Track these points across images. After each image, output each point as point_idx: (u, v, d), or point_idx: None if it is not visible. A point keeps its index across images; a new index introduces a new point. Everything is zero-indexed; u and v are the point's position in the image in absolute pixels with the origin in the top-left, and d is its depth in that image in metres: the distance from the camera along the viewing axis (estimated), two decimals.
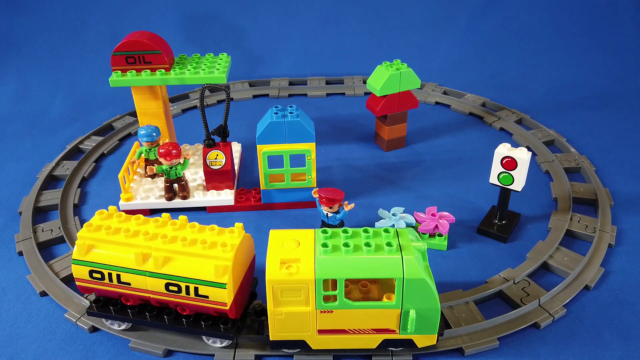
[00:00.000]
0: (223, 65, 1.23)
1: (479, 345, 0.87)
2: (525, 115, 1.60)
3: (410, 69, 1.34)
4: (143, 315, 0.86)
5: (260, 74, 1.94)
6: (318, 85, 1.83)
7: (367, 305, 0.79)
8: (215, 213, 1.21)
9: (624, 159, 1.40)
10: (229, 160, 1.18)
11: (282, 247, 0.80)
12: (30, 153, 1.49)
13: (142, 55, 1.16)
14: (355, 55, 1.99)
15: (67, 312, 0.94)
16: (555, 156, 1.38)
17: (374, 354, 0.86)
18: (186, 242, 0.81)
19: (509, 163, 1.05)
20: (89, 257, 0.83)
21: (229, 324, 0.84)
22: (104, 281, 0.84)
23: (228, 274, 0.78)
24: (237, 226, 0.83)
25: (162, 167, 1.15)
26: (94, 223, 0.85)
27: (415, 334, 0.82)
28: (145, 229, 0.83)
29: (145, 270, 0.81)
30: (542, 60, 1.94)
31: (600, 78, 1.85)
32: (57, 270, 1.03)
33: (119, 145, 1.52)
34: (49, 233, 1.14)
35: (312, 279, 0.76)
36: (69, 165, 1.38)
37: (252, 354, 0.86)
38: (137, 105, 1.26)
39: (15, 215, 1.22)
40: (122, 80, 1.18)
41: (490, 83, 1.84)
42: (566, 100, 1.74)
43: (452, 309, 0.93)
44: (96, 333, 0.91)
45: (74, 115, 1.70)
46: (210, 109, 1.72)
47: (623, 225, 1.15)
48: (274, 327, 0.81)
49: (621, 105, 1.69)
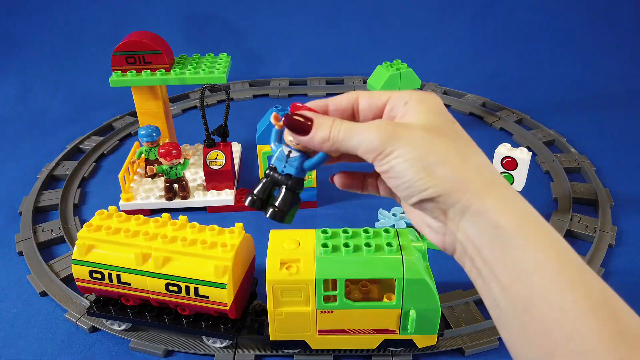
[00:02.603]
0: (223, 65, 1.23)
1: (479, 346, 0.87)
2: (526, 115, 1.60)
3: (411, 69, 1.34)
4: (143, 315, 0.86)
5: (260, 74, 1.94)
6: (318, 85, 1.83)
7: (367, 305, 0.79)
8: (215, 213, 1.21)
9: (624, 159, 1.40)
10: (229, 160, 1.18)
11: (282, 247, 0.80)
12: (31, 153, 1.49)
13: (142, 55, 1.16)
14: (355, 55, 1.99)
15: (67, 312, 0.94)
16: (556, 156, 1.38)
17: (374, 354, 0.86)
18: (186, 242, 0.81)
19: (509, 163, 1.05)
20: (89, 257, 0.83)
21: (229, 324, 0.84)
22: (104, 281, 0.84)
23: (228, 274, 0.78)
24: (237, 226, 0.83)
25: (162, 167, 1.15)
26: (94, 223, 0.85)
27: (416, 334, 0.82)
28: (145, 229, 0.83)
29: (145, 270, 0.81)
30: (542, 60, 1.94)
31: (600, 78, 1.85)
32: (57, 271, 1.03)
33: (119, 145, 1.52)
34: (49, 233, 1.14)
35: (312, 279, 0.76)
36: (69, 165, 1.38)
37: (252, 354, 0.86)
38: (137, 105, 1.26)
39: (15, 215, 1.22)
40: (122, 80, 1.18)
41: (491, 83, 1.84)
42: (566, 100, 1.74)
43: (452, 309, 0.93)
44: (96, 333, 0.91)
45: (74, 116, 1.70)
46: (210, 109, 1.72)
47: (623, 226, 1.15)
48: (274, 327, 0.81)
49: (621, 105, 1.69)
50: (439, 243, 0.47)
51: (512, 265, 0.40)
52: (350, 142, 0.45)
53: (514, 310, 0.40)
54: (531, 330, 0.38)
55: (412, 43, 2.02)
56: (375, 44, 2.03)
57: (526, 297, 0.39)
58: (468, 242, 0.43)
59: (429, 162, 0.43)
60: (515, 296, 0.40)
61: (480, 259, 0.42)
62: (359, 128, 0.45)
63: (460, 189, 0.42)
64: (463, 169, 0.43)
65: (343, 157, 0.53)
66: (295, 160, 0.49)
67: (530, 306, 0.38)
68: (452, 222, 0.44)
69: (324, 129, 0.46)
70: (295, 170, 0.49)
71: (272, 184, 0.50)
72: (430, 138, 0.44)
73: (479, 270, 0.43)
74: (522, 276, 0.39)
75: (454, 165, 0.43)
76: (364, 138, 0.44)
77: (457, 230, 0.44)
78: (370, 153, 0.44)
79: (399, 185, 0.44)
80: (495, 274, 0.41)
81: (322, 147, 0.47)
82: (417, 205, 0.45)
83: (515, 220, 0.41)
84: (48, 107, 1.74)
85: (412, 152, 0.43)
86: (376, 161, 0.45)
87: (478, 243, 0.42)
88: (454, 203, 0.42)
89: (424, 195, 0.43)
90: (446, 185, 0.42)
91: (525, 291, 0.39)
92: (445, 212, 0.43)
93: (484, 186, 0.42)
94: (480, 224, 0.41)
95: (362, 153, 0.45)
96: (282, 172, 0.49)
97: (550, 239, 0.40)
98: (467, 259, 0.44)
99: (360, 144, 0.45)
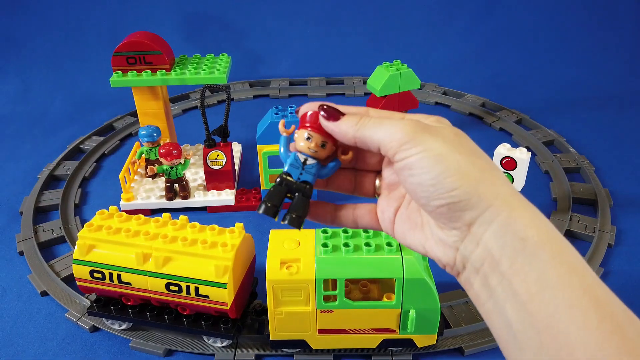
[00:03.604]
0: (223, 65, 1.24)
1: (478, 345, 0.87)
2: (525, 115, 1.60)
3: (410, 70, 1.34)
4: (144, 315, 0.86)
5: (260, 74, 1.94)
6: (318, 86, 1.83)
7: (367, 305, 0.79)
8: (215, 213, 1.21)
9: (623, 159, 1.41)
10: (229, 161, 1.18)
11: (283, 247, 0.80)
12: (31, 153, 1.49)
13: (142, 55, 1.17)
14: (355, 56, 1.99)
15: (67, 312, 0.94)
16: (555, 156, 1.38)
17: (374, 353, 0.86)
18: (187, 242, 0.81)
19: (509, 163, 1.06)
20: (89, 257, 0.83)
21: (229, 323, 0.84)
22: (104, 281, 0.84)
23: (228, 274, 0.78)
24: (238, 226, 0.83)
25: (162, 167, 1.15)
26: (95, 223, 0.85)
27: (415, 333, 0.82)
28: (146, 229, 0.84)
29: (146, 270, 0.81)
30: (542, 60, 1.95)
31: (600, 78, 1.85)
32: (58, 270, 1.03)
33: (119, 145, 1.53)
34: (50, 233, 1.14)
35: (312, 279, 0.76)
36: (70, 165, 1.39)
37: (252, 354, 0.86)
38: (137, 105, 1.26)
39: (16, 215, 1.22)
40: (122, 80, 1.18)
41: (490, 83, 1.84)
42: (566, 100, 1.74)
43: (452, 309, 0.93)
44: (97, 333, 0.92)
45: (74, 116, 1.70)
46: (210, 109, 1.72)
47: (623, 225, 1.15)
48: (274, 327, 0.81)
49: (621, 105, 1.69)
50: (448, 259, 0.43)
51: (534, 279, 0.37)
52: (377, 131, 0.43)
53: (533, 329, 0.37)
54: (551, 350, 0.36)
55: (412, 43, 2.02)
56: (375, 44, 2.03)
57: (549, 315, 0.36)
58: (486, 255, 0.39)
59: (460, 161, 0.40)
60: (535, 312, 0.37)
61: (496, 274, 0.39)
62: (388, 120, 0.43)
63: (490, 195, 0.39)
64: (492, 175, 0.40)
65: (339, 180, 0.51)
66: (312, 168, 0.49)
67: (552, 324, 0.36)
68: (474, 232, 0.40)
69: (353, 117, 0.45)
70: (311, 177, 0.49)
71: (287, 191, 0.49)
72: (460, 140, 0.42)
73: (491, 290, 0.40)
74: (546, 291, 0.37)
75: (484, 168, 0.40)
76: (392, 127, 0.42)
77: (479, 243, 0.40)
78: (396, 143, 0.41)
79: (423, 182, 0.40)
80: (514, 289, 0.38)
81: (347, 133, 0.45)
82: (439, 209, 0.41)
83: (542, 235, 0.38)
84: (48, 107, 1.74)
85: (443, 147, 0.40)
86: (401, 152, 0.41)
87: (498, 256, 0.39)
88: (483, 209, 0.39)
89: (452, 195, 0.39)
90: (478, 188, 0.39)
91: (549, 307, 0.36)
92: (471, 222, 0.40)
93: (512, 196, 0.40)
94: (506, 235, 0.39)
95: (388, 143, 0.42)
96: (299, 179, 0.49)
97: (575, 257, 0.38)
98: (477, 278, 0.41)
99: (388, 134, 0.42)
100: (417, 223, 0.45)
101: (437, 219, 0.42)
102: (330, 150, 0.49)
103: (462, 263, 0.42)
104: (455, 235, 0.41)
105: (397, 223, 0.48)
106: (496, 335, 0.41)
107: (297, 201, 0.49)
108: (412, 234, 0.46)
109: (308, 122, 0.47)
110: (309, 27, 2.06)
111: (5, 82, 1.83)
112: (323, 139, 0.47)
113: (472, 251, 0.40)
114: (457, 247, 0.42)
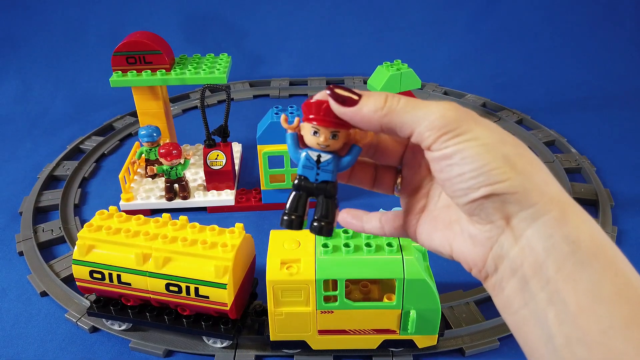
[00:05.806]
0: (223, 65, 1.23)
1: (479, 346, 0.87)
2: (526, 115, 1.60)
3: (411, 69, 1.34)
4: (143, 315, 0.86)
5: (260, 74, 1.94)
6: (318, 86, 1.83)
7: (367, 305, 0.79)
8: (215, 213, 1.21)
9: (624, 159, 1.40)
10: (229, 161, 1.18)
11: (283, 248, 0.80)
12: (31, 153, 1.49)
13: (142, 55, 1.16)
14: (356, 55, 1.99)
15: (67, 312, 0.94)
16: (556, 156, 1.38)
17: (374, 354, 0.86)
18: (186, 242, 0.81)
19: None
20: (89, 258, 0.83)
21: (229, 324, 0.84)
22: (104, 281, 0.84)
23: (228, 274, 0.78)
24: (238, 226, 0.83)
25: (162, 168, 1.15)
26: (95, 223, 0.85)
27: (416, 334, 0.82)
28: (146, 229, 0.83)
29: (146, 270, 0.81)
30: (542, 60, 1.94)
31: (600, 78, 1.85)
32: (58, 271, 1.03)
33: (119, 145, 1.53)
34: (50, 233, 1.14)
35: (312, 280, 0.76)
36: (70, 166, 1.38)
37: (252, 355, 0.86)
38: (137, 105, 1.26)
39: (15, 215, 1.22)
40: (122, 80, 1.18)
41: (491, 83, 1.84)
42: (566, 100, 1.74)
43: (452, 309, 0.93)
44: (96, 333, 0.91)
45: (74, 115, 1.70)
46: (210, 109, 1.72)
47: (623, 226, 1.15)
48: (274, 328, 0.81)
49: (621, 105, 1.69)
50: (478, 259, 0.38)
51: (586, 289, 0.33)
52: (411, 113, 0.37)
53: (582, 345, 0.33)
54: None
55: (413, 43, 2.02)
56: (376, 44, 2.03)
57: (602, 331, 0.32)
58: (528, 255, 0.35)
59: (508, 152, 0.36)
60: (585, 327, 0.33)
61: (539, 278, 0.35)
62: (423, 102, 0.38)
63: (538, 191, 0.35)
64: (541, 170, 0.37)
65: (362, 172, 0.46)
66: (329, 164, 0.42)
67: (605, 342, 0.32)
68: (515, 229, 0.36)
69: (377, 97, 0.39)
70: (331, 175, 0.42)
71: (307, 195, 0.43)
72: (503, 130, 0.38)
73: (531, 295, 0.35)
74: (600, 305, 0.33)
75: (532, 162, 0.37)
76: (430, 111, 0.37)
77: (518, 239, 0.36)
78: (436, 130, 0.36)
79: (463, 174, 0.36)
80: (562, 297, 0.34)
81: (373, 117, 0.38)
82: (478, 201, 0.36)
83: (595, 241, 0.35)
84: (48, 107, 1.74)
85: (490, 137, 0.36)
86: (440, 141, 0.37)
87: (543, 258, 0.35)
88: (529, 205, 0.35)
89: (497, 188, 0.35)
90: (526, 182, 0.35)
91: (602, 323, 0.33)
92: (511, 215, 0.36)
93: (561, 195, 0.36)
94: (555, 236, 0.34)
95: (425, 131, 0.37)
96: (317, 181, 0.43)
97: (630, 269, 0.35)
98: (512, 281, 0.36)
99: (425, 118, 0.37)
100: (445, 221, 0.42)
101: (472, 212, 0.37)
102: (345, 137, 0.41)
103: (495, 263, 0.37)
104: (490, 230, 0.37)
105: (421, 224, 0.44)
106: (528, 348, 0.37)
107: (322, 206, 0.43)
108: (439, 233, 0.42)
109: (311, 114, 0.40)
110: (309, 27, 2.06)
111: (5, 82, 1.83)
112: (332, 130, 0.40)
113: (511, 248, 0.36)
114: (491, 245, 0.37)
